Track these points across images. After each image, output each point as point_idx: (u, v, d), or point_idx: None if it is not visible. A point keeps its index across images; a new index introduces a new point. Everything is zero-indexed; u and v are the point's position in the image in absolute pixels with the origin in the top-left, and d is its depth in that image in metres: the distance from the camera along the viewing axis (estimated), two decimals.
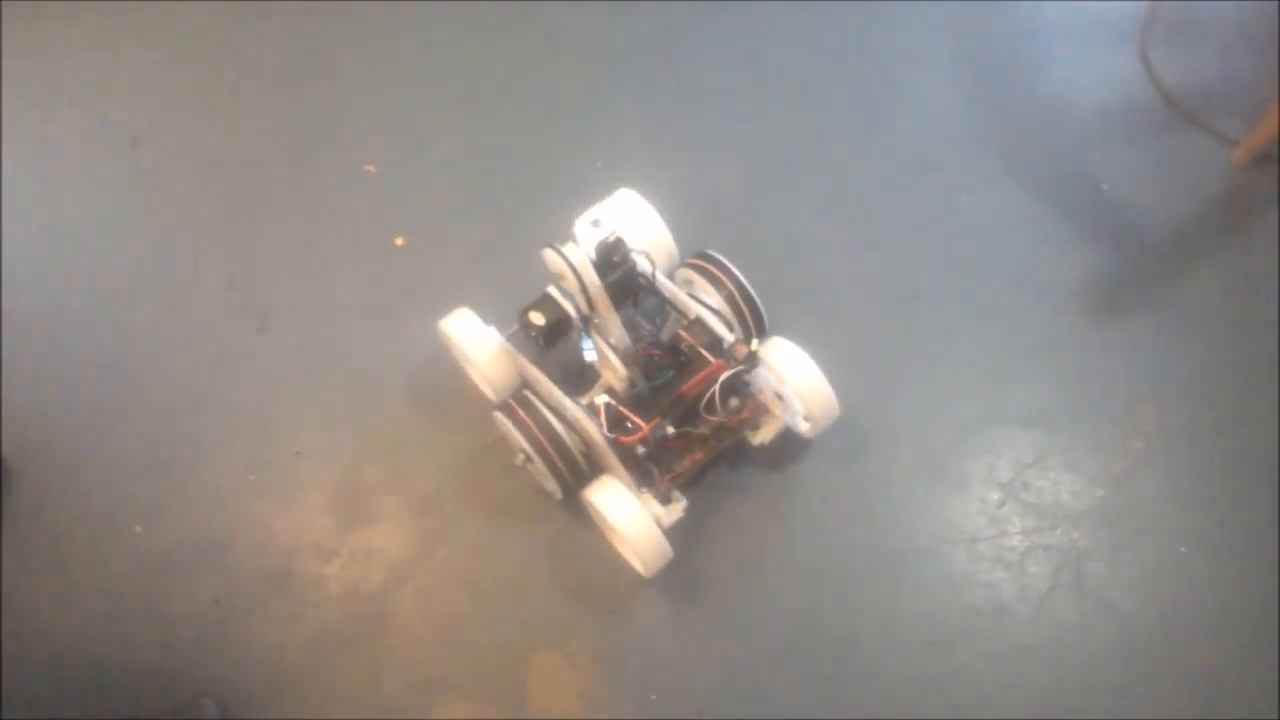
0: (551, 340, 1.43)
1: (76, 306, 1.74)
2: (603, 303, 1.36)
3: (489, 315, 1.48)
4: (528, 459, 1.41)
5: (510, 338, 1.47)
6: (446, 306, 1.50)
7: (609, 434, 1.34)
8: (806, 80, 1.88)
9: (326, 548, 1.49)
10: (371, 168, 1.81)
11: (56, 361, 1.69)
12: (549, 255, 1.33)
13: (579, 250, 1.33)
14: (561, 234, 1.36)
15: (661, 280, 1.45)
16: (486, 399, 1.53)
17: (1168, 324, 1.58)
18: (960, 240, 1.68)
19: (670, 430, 1.34)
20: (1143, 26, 1.86)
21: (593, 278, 1.34)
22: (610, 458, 1.36)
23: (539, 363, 1.45)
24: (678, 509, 1.36)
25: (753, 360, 1.35)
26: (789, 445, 1.48)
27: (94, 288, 1.75)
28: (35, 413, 1.64)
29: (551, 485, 1.43)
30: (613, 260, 1.36)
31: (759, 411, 1.41)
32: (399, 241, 1.72)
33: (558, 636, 1.41)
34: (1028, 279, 1.64)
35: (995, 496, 1.45)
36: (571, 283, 1.34)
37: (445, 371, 1.57)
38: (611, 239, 1.34)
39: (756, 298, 1.47)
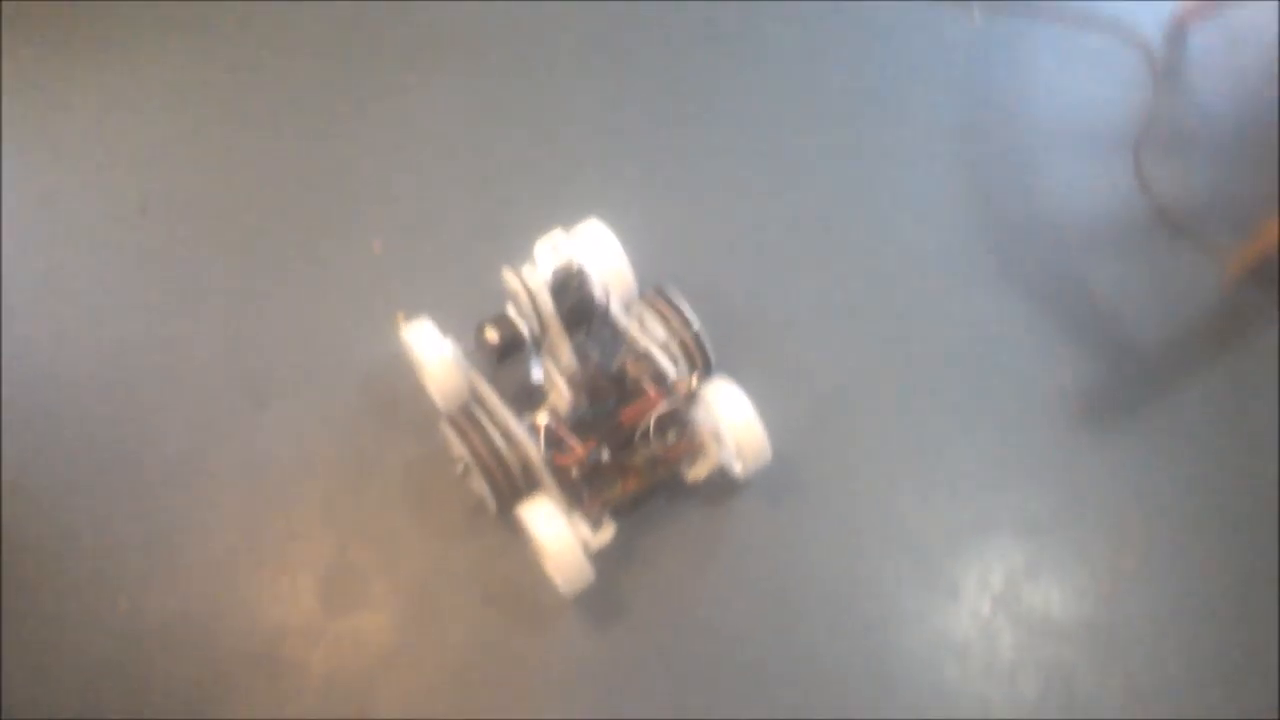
0: (504, 357, 1.49)
1: (74, 371, 1.73)
2: (554, 327, 1.43)
3: (453, 327, 1.53)
4: (467, 470, 1.45)
5: (467, 353, 1.52)
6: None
7: (546, 453, 1.39)
8: (805, 155, 1.92)
9: (312, 631, 1.48)
10: (379, 245, 1.82)
11: (52, 426, 1.67)
12: (507, 275, 1.42)
13: (535, 273, 1.41)
14: (525, 252, 1.46)
15: (615, 312, 1.52)
16: (437, 415, 1.55)
17: (1160, 438, 1.60)
18: (953, 341, 1.70)
19: (605, 456, 1.40)
20: (1138, 138, 1.89)
21: (546, 302, 1.41)
22: (545, 477, 1.41)
23: (491, 378, 1.50)
24: (606, 534, 1.41)
25: (691, 398, 1.42)
26: (767, 528, 1.50)
27: (93, 352, 1.75)
28: (28, 479, 1.62)
29: (488, 498, 1.47)
30: (570, 287, 1.43)
31: (694, 448, 1.46)
32: (402, 318, 1.73)
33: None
34: (1020, 385, 1.65)
35: (987, 607, 1.45)
36: (525, 304, 1.41)
37: (444, 460, 1.57)
38: (572, 267, 1.43)
39: (705, 339, 1.51)
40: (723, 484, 1.53)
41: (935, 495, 1.55)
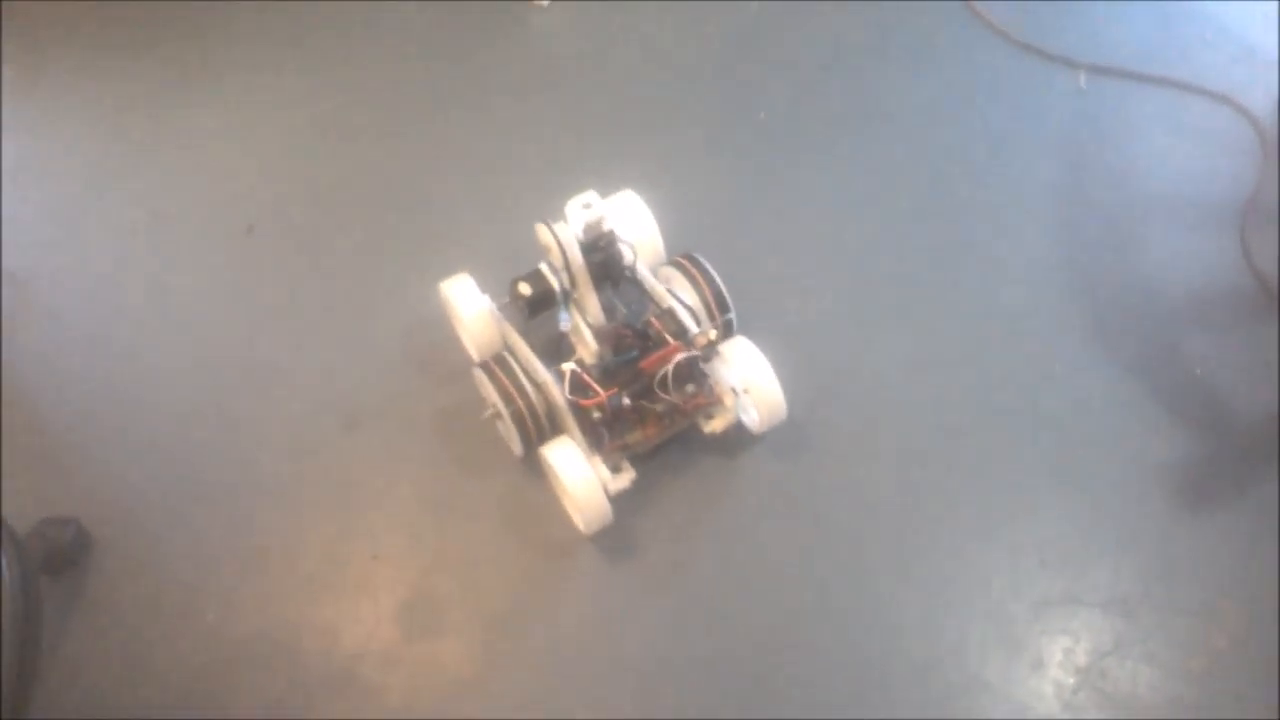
0: (535, 311, 1.59)
1: (175, 384, 1.78)
2: (583, 280, 1.54)
3: (490, 286, 1.64)
4: (497, 414, 1.55)
5: (501, 308, 1.63)
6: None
7: (570, 396, 1.46)
8: (901, 207, 1.93)
9: (391, 656, 1.49)
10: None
11: (149, 437, 1.73)
12: (540, 229, 1.52)
13: (567, 228, 1.51)
14: (558, 214, 1.54)
15: (641, 269, 1.61)
16: (470, 362, 1.65)
17: (1256, 515, 1.56)
18: (1044, 405, 1.68)
19: (626, 401, 1.47)
20: (1244, 210, 1.86)
21: (576, 254, 1.51)
22: (568, 420, 1.49)
23: (522, 330, 1.59)
24: (625, 478, 1.49)
25: (709, 350, 1.49)
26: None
27: (194, 367, 1.80)
28: (123, 487, 1.67)
29: (515, 441, 1.56)
30: (598, 243, 1.54)
31: (713, 401, 1.53)
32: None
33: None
34: (1113, 454, 1.62)
35: (1072, 681, 1.42)
36: (556, 256, 1.51)
37: (532, 492, 1.59)
38: (603, 226, 1.53)
39: (728, 298, 1.59)
40: (740, 440, 1.61)
41: (1023, 562, 1.52)
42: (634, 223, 1.66)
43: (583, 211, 1.52)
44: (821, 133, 2.03)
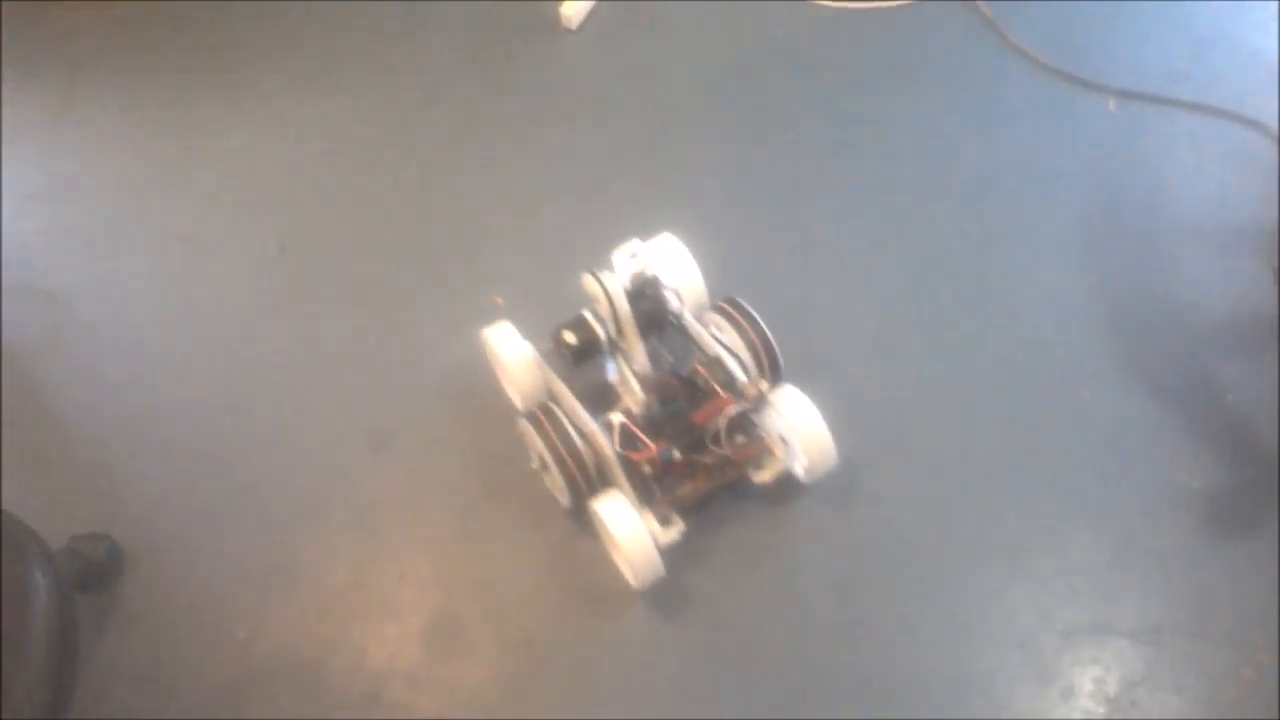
0: (580, 359, 1.56)
1: (206, 402, 1.80)
2: (630, 330, 1.52)
3: (530, 333, 1.63)
4: (544, 465, 1.53)
5: (544, 354, 1.60)
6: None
7: (620, 450, 1.44)
8: (928, 230, 1.93)
9: (418, 677, 1.50)
10: (500, 300, 1.86)
11: (181, 454, 1.75)
12: (587, 280, 1.50)
13: (614, 278, 1.49)
14: (601, 262, 1.54)
15: (687, 317, 1.59)
16: (515, 413, 1.64)
17: None
18: (1072, 431, 1.67)
19: (677, 455, 1.46)
20: (1274, 237, 1.85)
21: (624, 305, 1.50)
22: (618, 473, 1.47)
23: (566, 379, 1.57)
24: (675, 531, 1.47)
25: (760, 401, 1.47)
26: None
27: (224, 386, 1.82)
28: (156, 503, 1.69)
29: (562, 493, 1.53)
30: (644, 292, 1.54)
31: (762, 451, 1.52)
32: (499, 301, 1.81)
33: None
34: (1143, 482, 1.61)
35: (1101, 711, 1.41)
36: (604, 307, 1.50)
37: (561, 521, 1.59)
38: (647, 273, 1.53)
39: (775, 345, 1.56)
40: (789, 488, 1.58)
41: (1052, 590, 1.51)
42: (675, 268, 1.64)
43: (630, 261, 1.52)
44: (851, 162, 2.04)
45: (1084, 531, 1.57)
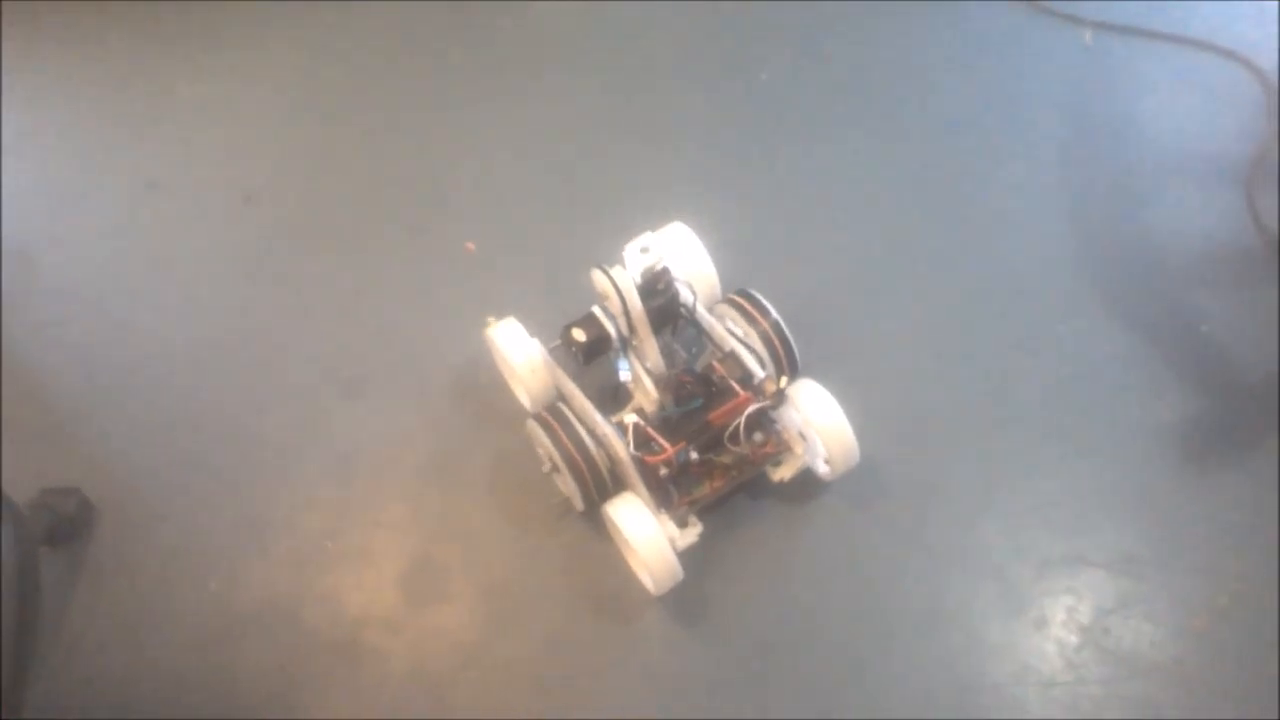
0: (590, 357, 1.49)
1: (176, 354, 1.79)
2: (643, 327, 1.45)
3: (536, 328, 1.55)
4: (554, 468, 1.48)
5: (551, 351, 1.54)
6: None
7: (635, 452, 1.39)
8: (905, 173, 1.91)
9: (395, 623, 1.50)
10: (472, 245, 1.84)
11: (151, 407, 1.73)
12: (596, 276, 1.43)
13: (625, 274, 1.42)
14: (609, 256, 1.45)
15: (701, 312, 1.53)
16: (523, 414, 1.58)
17: (1261, 478, 1.54)
18: (1051, 368, 1.66)
19: (694, 455, 1.40)
20: (1251, 168, 1.84)
21: (636, 301, 1.43)
22: (633, 476, 1.41)
23: (576, 378, 1.51)
24: (693, 533, 1.41)
25: (779, 398, 1.41)
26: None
27: (194, 339, 1.80)
28: (126, 457, 1.68)
29: (575, 496, 1.48)
30: (656, 287, 1.46)
31: (781, 448, 1.45)
32: (493, 321, 1.74)
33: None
34: (1120, 417, 1.61)
35: (1075, 640, 1.42)
36: (615, 304, 1.43)
37: (529, 455, 1.58)
38: (657, 267, 1.44)
39: (791, 338, 1.51)
40: (806, 484, 1.53)
41: (1027, 523, 1.52)
42: (687, 259, 1.58)
43: (641, 256, 1.43)
44: (824, 100, 2.02)
45: (1060, 464, 1.57)
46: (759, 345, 1.52)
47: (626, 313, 1.43)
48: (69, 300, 1.87)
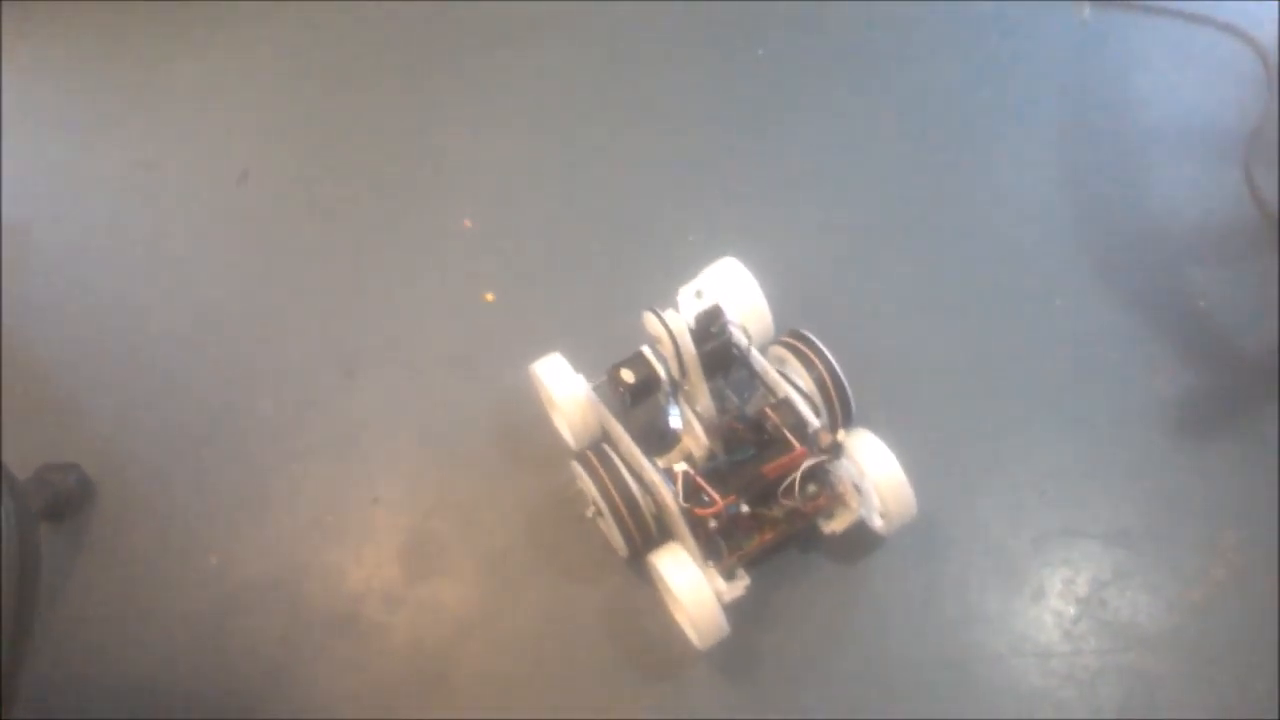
0: (638, 399, 1.44)
1: (173, 329, 1.79)
2: (695, 372, 1.38)
3: (575, 365, 1.51)
4: (598, 512, 1.42)
5: (596, 389, 1.49)
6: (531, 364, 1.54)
7: (684, 504, 1.33)
8: (902, 152, 1.90)
9: (394, 597, 1.50)
10: (470, 222, 1.84)
11: (149, 384, 1.74)
12: (649, 319, 1.37)
13: (679, 317, 1.36)
14: (652, 295, 1.44)
15: (755, 355, 1.46)
16: (566, 452, 1.54)
17: (1258, 450, 1.54)
18: (1047, 342, 1.66)
19: (745, 509, 1.34)
20: (1249, 143, 1.84)
21: (689, 346, 1.36)
22: (681, 527, 1.35)
23: (622, 419, 1.45)
24: (740, 586, 1.36)
25: (837, 451, 1.35)
26: (860, 538, 1.46)
27: (190, 317, 1.80)
28: (124, 432, 1.68)
29: (619, 543, 1.43)
30: (710, 331, 1.40)
31: (835, 501, 1.41)
32: (489, 297, 1.75)
33: (612, 707, 1.40)
34: (1117, 390, 1.61)
35: (1072, 612, 1.42)
36: (668, 347, 1.37)
37: (526, 430, 1.58)
38: (711, 309, 1.39)
39: (847, 385, 1.46)
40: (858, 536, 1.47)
41: (1023, 497, 1.52)
42: (740, 298, 1.51)
43: (695, 301, 1.39)
44: (816, 80, 2.01)
45: (1056, 439, 1.57)
46: (813, 390, 1.46)
47: (679, 356, 1.37)
48: (66, 278, 1.87)
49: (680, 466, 1.36)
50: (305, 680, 1.44)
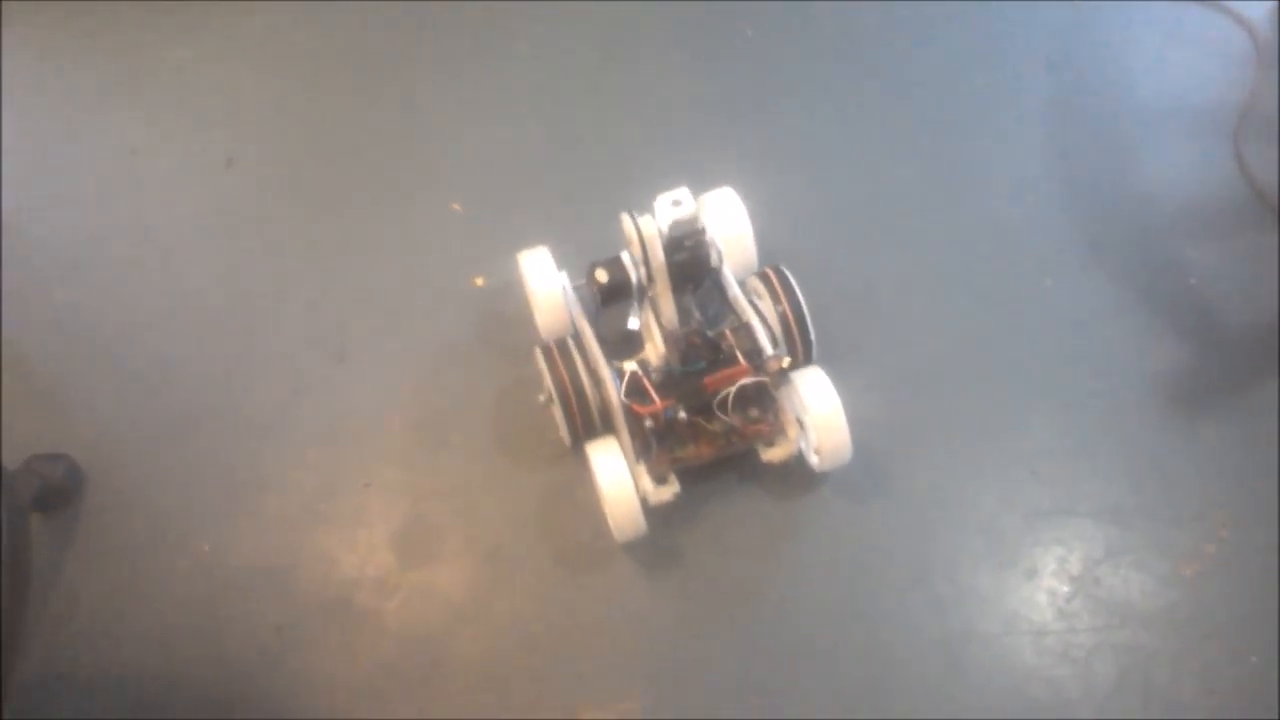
0: (609, 300, 1.47)
1: (161, 320, 1.77)
2: (662, 279, 1.42)
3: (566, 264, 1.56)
4: (550, 399, 1.49)
5: (576, 288, 1.54)
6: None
7: (625, 399, 1.40)
8: (894, 129, 1.90)
9: (388, 583, 1.50)
10: (458, 206, 1.83)
11: (138, 372, 1.72)
12: (624, 219, 1.40)
13: (652, 222, 1.39)
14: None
15: (726, 275, 1.50)
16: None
17: (1249, 427, 1.55)
18: (1039, 320, 1.67)
19: (682, 415, 1.39)
20: (1238, 120, 1.84)
21: (658, 252, 1.39)
22: (619, 421, 1.42)
23: (594, 318, 1.51)
24: (668, 491, 1.41)
25: (780, 378, 1.40)
26: (858, 509, 1.47)
27: (179, 303, 1.79)
28: (114, 422, 1.67)
29: (564, 431, 1.50)
30: (684, 243, 1.42)
31: (775, 430, 1.44)
32: (479, 281, 1.74)
33: (608, 695, 1.40)
34: (1108, 369, 1.61)
35: (1065, 589, 1.43)
36: (637, 251, 1.40)
37: (518, 413, 1.58)
38: (687, 218, 1.40)
39: (810, 324, 1.50)
40: (798, 470, 1.50)
41: (1015, 476, 1.52)
42: (727, 224, 1.56)
43: (671, 209, 1.40)
44: (807, 55, 2.01)
45: (1047, 417, 1.58)
46: (778, 324, 1.50)
47: (646, 261, 1.40)
48: (53, 266, 1.85)
49: (630, 366, 1.43)
50: (300, 666, 1.44)
